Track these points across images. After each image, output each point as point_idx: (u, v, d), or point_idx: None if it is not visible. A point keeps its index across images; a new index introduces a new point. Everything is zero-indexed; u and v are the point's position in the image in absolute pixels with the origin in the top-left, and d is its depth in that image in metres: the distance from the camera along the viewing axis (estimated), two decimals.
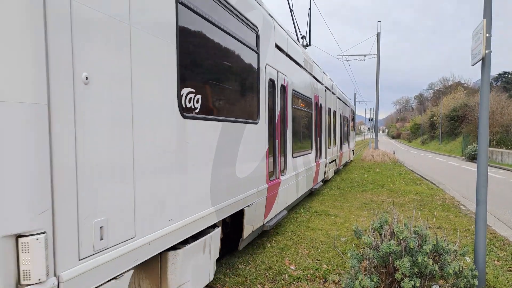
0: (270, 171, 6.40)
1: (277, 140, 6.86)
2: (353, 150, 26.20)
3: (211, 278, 4.26)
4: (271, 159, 6.47)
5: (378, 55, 30.46)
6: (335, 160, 15.69)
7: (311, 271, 5.24)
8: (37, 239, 2.09)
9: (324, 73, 13.37)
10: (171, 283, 3.44)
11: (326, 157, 12.97)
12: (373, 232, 4.38)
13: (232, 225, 5.23)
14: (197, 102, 3.86)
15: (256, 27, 5.70)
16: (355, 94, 51.25)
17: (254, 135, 5.61)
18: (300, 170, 8.82)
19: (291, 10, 12.79)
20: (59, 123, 2.25)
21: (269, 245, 6.43)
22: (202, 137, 3.98)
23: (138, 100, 2.91)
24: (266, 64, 6.23)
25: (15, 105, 2.07)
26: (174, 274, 3.47)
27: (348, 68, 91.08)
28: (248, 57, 5.47)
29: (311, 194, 10.19)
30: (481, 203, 4.40)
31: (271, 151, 6.52)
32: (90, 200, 2.46)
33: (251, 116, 5.54)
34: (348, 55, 31.77)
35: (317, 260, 5.75)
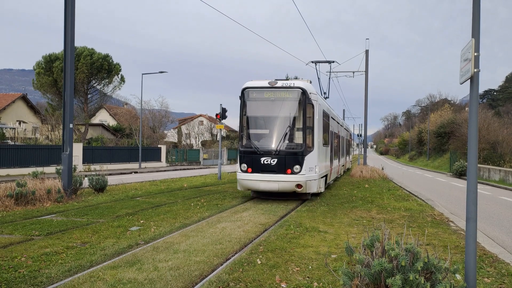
0: (330, 163, 17.60)
1: (331, 153, 18.08)
2: (351, 161, 41.80)
3: (323, 189, 15.62)
4: (330, 160, 17.73)
5: (366, 72, 30.84)
6: (344, 165, 28.78)
7: None
8: (316, 166, 13.42)
9: (339, 116, 25.19)
10: (320, 186, 14.60)
11: (341, 162, 25.02)
12: (364, 249, 4.35)
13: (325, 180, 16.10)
14: (323, 142, 15.39)
15: (330, 113, 18.05)
16: (343, 110, 51.76)
17: (328, 150, 17.12)
18: (335, 166, 20.30)
19: (318, 78, 26.90)
20: (319, 149, 14.30)
21: (259, 262, 6.35)
22: (324, 151, 15.78)
23: (321, 142, 14.56)
24: (330, 125, 17.61)
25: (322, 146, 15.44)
26: (320, 183, 14.63)
27: (336, 84, 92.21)
28: (327, 124, 16.77)
29: (302, 206, 11.43)
30: (471, 220, 4.40)
31: (330, 156, 17.77)
32: (319, 163, 13.97)
33: (328, 144, 16.93)
34: (336, 72, 32.18)
35: (308, 277, 5.69)
